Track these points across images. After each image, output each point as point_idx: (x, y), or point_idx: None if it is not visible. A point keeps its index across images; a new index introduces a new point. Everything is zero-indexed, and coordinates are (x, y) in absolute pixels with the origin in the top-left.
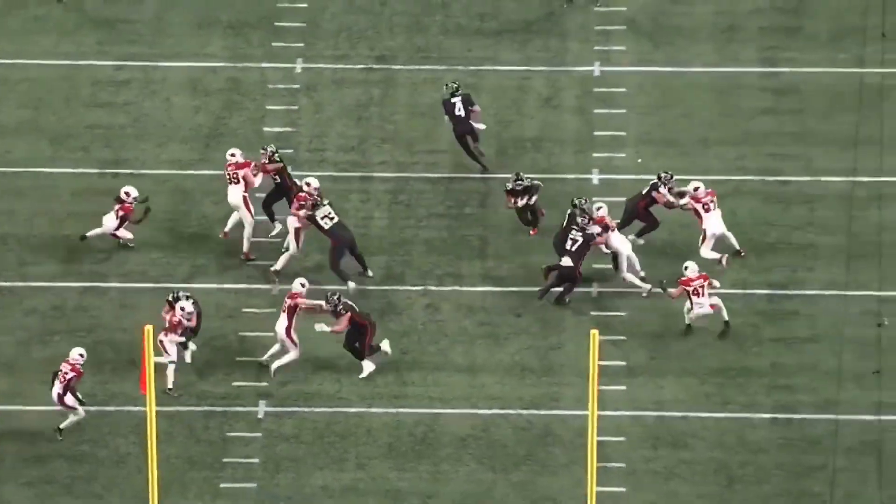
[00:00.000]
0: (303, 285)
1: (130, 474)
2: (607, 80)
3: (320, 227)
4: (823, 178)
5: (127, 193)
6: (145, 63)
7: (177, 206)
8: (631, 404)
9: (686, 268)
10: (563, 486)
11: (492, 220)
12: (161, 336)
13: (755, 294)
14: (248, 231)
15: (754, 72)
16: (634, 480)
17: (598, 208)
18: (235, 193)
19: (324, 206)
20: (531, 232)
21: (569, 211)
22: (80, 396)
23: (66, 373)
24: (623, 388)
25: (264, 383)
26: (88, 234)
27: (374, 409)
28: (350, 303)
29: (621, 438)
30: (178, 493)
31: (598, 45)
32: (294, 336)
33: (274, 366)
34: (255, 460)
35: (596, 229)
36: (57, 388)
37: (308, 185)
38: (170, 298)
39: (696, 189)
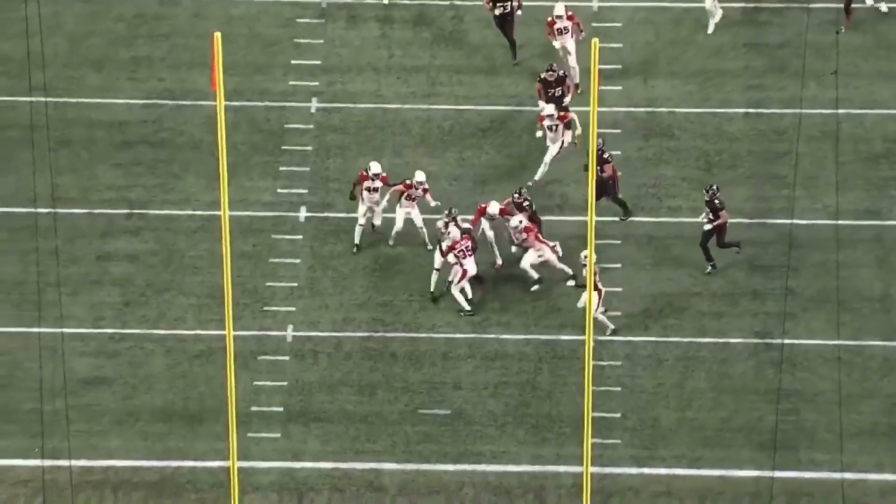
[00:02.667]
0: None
1: (204, 158)
2: None
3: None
4: None
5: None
6: None
7: None
8: (626, 101)
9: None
10: (568, 170)
11: None
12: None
13: (731, 6)
14: None
15: None
16: (629, 166)
17: None
18: None
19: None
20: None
21: None
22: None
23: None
24: (619, 88)
25: (316, 83)
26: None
27: (408, 106)
28: None
29: (618, 130)
30: (244, 174)
31: None
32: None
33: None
34: (309, 148)
35: None
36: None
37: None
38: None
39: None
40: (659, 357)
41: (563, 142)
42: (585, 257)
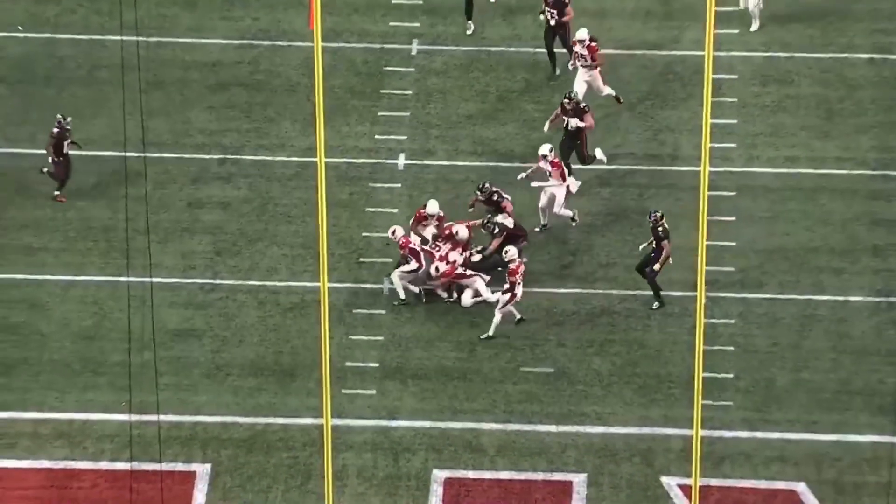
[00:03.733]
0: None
1: (300, 101)
2: None
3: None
4: None
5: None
6: None
7: None
8: (743, 46)
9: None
10: (681, 117)
11: None
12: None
13: None
14: None
15: None
16: (745, 113)
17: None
18: None
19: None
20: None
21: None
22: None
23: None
24: (736, 31)
25: (417, 24)
26: None
27: (513, 49)
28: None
29: (734, 76)
30: (342, 119)
31: None
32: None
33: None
34: (409, 92)
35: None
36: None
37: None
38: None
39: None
40: (774, 315)
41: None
42: (506, 252)
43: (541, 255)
